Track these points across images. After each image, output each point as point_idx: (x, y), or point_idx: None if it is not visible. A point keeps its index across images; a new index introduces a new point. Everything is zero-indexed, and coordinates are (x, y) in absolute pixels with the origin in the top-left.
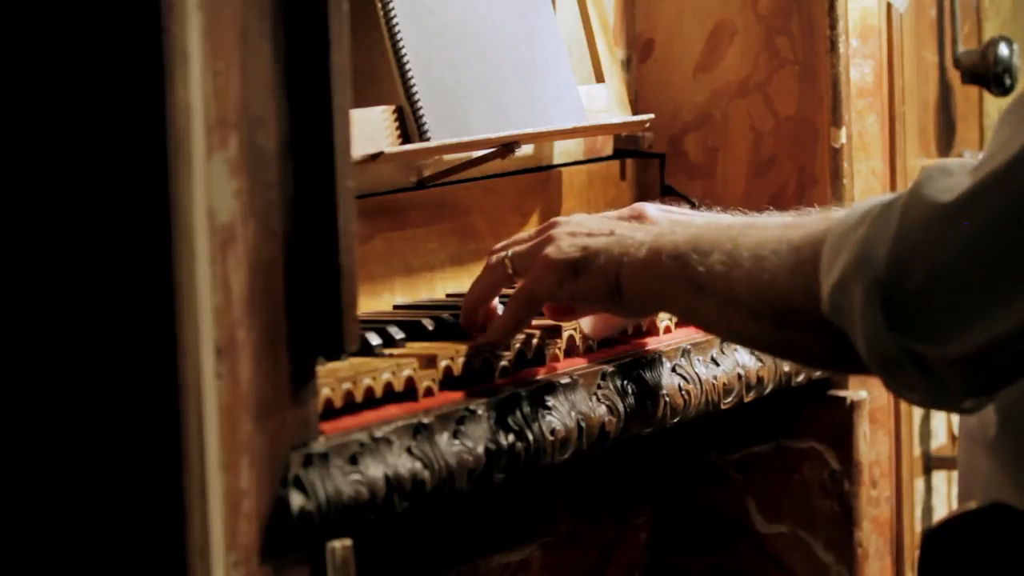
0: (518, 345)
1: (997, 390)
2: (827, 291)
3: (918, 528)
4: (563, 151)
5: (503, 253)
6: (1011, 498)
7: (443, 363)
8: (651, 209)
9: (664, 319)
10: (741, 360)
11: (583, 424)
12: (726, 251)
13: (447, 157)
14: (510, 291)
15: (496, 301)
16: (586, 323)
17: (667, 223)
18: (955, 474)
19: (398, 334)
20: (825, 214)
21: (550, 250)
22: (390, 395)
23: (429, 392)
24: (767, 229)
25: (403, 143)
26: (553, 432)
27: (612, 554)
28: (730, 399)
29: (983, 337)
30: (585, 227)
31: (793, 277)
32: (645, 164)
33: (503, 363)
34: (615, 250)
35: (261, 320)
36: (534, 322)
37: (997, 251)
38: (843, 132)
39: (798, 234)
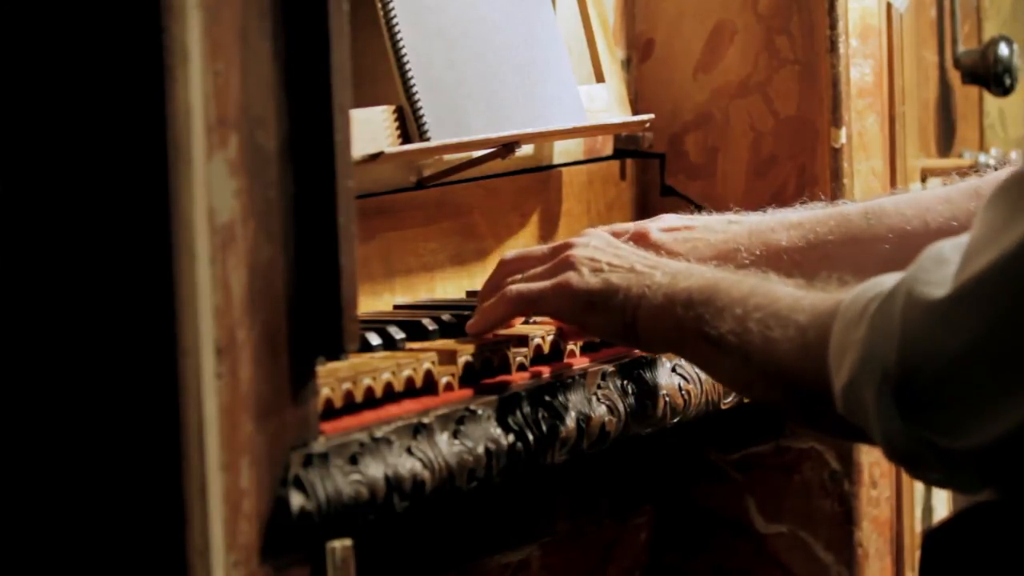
0: (524, 348)
1: (1017, 479)
2: (839, 391)
3: (918, 528)
4: (563, 151)
5: (520, 287)
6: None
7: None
8: (655, 233)
9: None
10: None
11: (583, 424)
12: (736, 318)
13: (447, 157)
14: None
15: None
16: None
17: (683, 268)
18: None
19: (398, 334)
20: (829, 295)
21: (572, 276)
22: (390, 395)
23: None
24: (778, 295)
25: (403, 143)
26: (553, 432)
27: (612, 554)
28: (730, 399)
29: (998, 430)
30: (605, 255)
31: (802, 362)
32: (645, 164)
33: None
34: (634, 290)
35: (261, 320)
36: (538, 322)
37: (1003, 346)
38: (843, 132)
39: (805, 312)
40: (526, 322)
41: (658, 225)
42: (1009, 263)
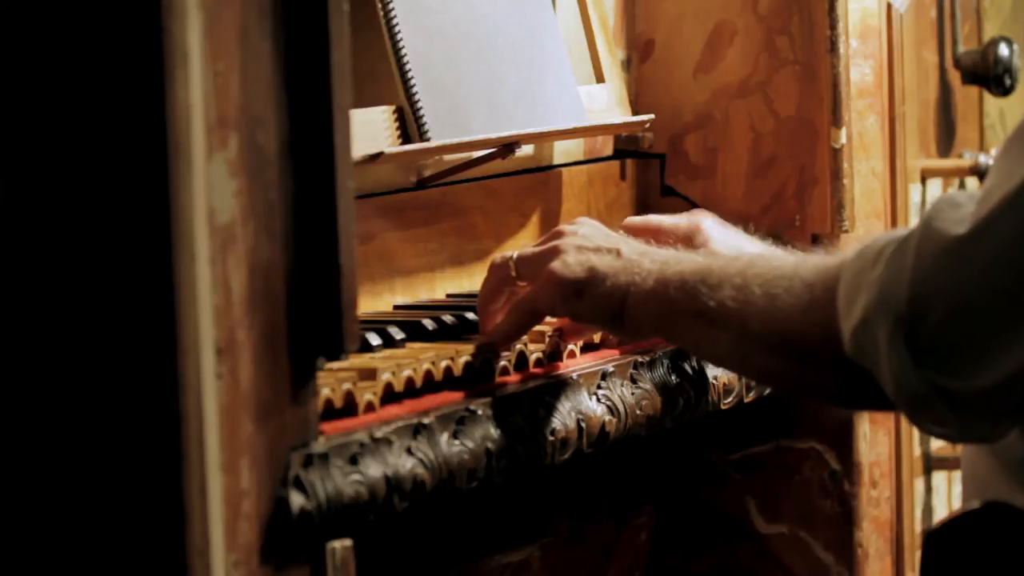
0: (519, 345)
1: (1022, 413)
2: (848, 332)
3: (918, 528)
4: (563, 151)
5: (509, 254)
6: (1011, 497)
7: (443, 363)
8: (707, 224)
9: None
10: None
11: (583, 424)
12: (736, 286)
13: (447, 157)
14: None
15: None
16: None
17: (673, 254)
18: (955, 474)
19: (398, 334)
20: (832, 256)
21: (556, 265)
22: (390, 395)
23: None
24: (776, 262)
25: (403, 143)
26: (553, 432)
27: (612, 554)
28: (730, 399)
29: (1010, 366)
30: (592, 242)
31: (808, 316)
32: (645, 164)
33: (503, 363)
34: (621, 277)
35: (261, 320)
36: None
37: (1014, 278)
38: (843, 132)
39: (809, 271)
40: None
41: (712, 219)
42: (1018, 195)
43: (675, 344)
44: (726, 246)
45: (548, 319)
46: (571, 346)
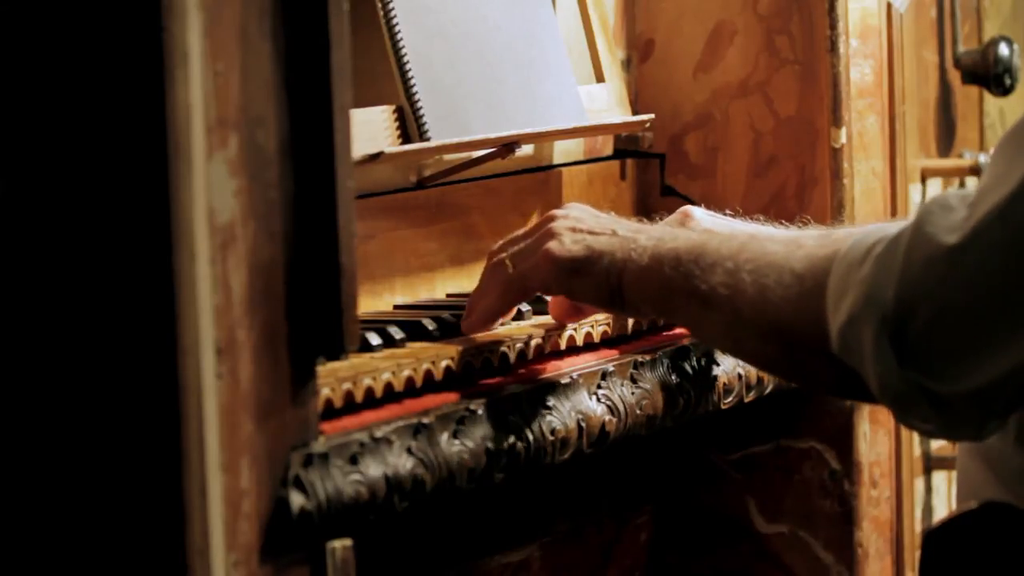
0: (520, 345)
1: (1009, 416)
2: (835, 331)
3: (918, 528)
4: (563, 151)
5: (503, 254)
6: (1004, 499)
7: (443, 363)
8: (697, 212)
9: None
10: (741, 360)
11: (583, 424)
12: (728, 271)
13: (447, 157)
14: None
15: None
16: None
17: (668, 231)
18: (955, 474)
19: (398, 334)
20: (827, 235)
21: (553, 245)
22: (390, 395)
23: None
24: (769, 248)
25: (403, 143)
26: (553, 432)
27: (612, 554)
28: (730, 399)
29: (995, 371)
30: (586, 224)
31: (797, 309)
32: (645, 164)
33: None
34: (618, 254)
35: (261, 320)
36: (537, 322)
37: (1001, 286)
38: (843, 132)
39: (800, 261)
40: (517, 318)
41: (700, 209)
42: (1008, 205)
43: (672, 321)
44: (716, 226)
45: (549, 318)
46: (571, 330)
